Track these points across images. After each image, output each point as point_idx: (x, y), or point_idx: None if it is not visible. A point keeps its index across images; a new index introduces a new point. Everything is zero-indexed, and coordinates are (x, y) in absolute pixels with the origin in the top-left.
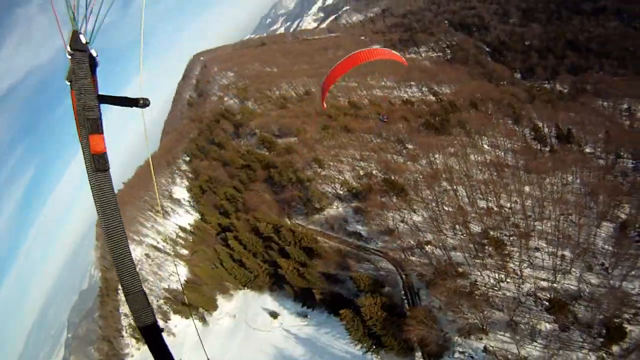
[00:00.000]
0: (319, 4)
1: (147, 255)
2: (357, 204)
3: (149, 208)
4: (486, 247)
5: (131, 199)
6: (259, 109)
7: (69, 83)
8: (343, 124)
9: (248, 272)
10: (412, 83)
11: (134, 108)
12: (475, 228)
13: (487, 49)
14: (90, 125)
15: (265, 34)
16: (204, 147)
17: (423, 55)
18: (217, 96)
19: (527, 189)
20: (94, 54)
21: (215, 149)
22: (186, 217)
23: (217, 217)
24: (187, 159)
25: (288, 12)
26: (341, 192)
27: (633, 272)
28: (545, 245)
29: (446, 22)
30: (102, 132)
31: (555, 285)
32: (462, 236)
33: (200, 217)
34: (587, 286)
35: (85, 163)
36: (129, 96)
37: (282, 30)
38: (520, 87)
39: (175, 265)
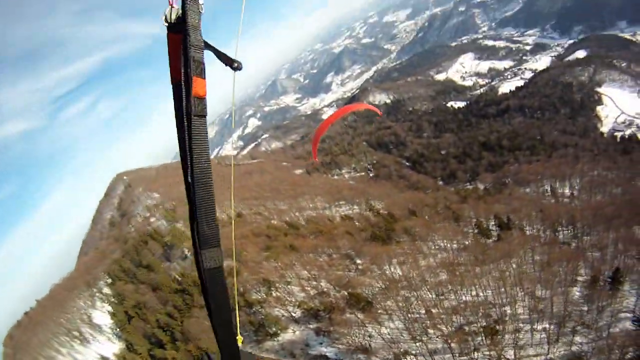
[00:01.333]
0: (239, 132)
1: None
2: (317, 324)
3: (65, 332)
4: (470, 341)
5: (44, 319)
6: (188, 231)
7: (167, 24)
8: (286, 243)
9: None
10: (342, 202)
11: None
12: (449, 328)
13: (407, 163)
14: (195, 67)
15: None
16: (129, 269)
17: (346, 176)
18: (143, 217)
19: (484, 280)
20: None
21: (143, 271)
22: (109, 346)
23: (149, 347)
24: (110, 281)
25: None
26: (295, 315)
27: (614, 317)
28: (522, 325)
29: (365, 142)
30: (205, 78)
31: (551, 356)
32: (438, 338)
33: (126, 346)
34: (579, 346)
35: (184, 106)
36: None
37: None
38: (446, 192)
39: None
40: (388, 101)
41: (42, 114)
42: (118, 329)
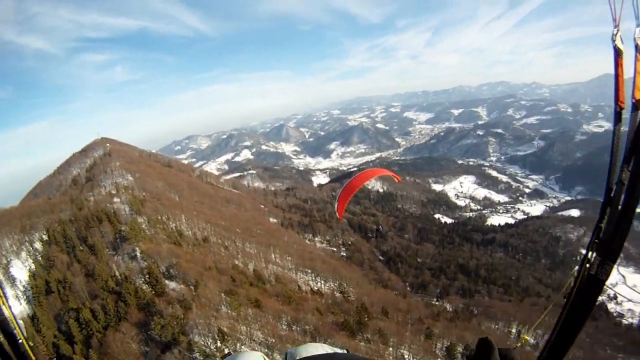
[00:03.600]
0: (228, 156)
1: None
2: None
3: None
4: None
5: None
6: (149, 231)
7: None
8: (250, 295)
9: None
10: (308, 270)
11: None
12: None
13: (381, 258)
14: None
15: (168, 157)
16: (70, 239)
17: (318, 245)
18: (108, 192)
19: None
20: None
21: (85, 250)
22: (14, 307)
23: (56, 334)
24: (46, 238)
25: (197, 150)
26: None
27: None
28: None
29: (346, 220)
30: None
31: None
32: None
33: (30, 317)
34: None
35: None
36: None
37: (185, 162)
38: (413, 300)
39: None
40: (381, 190)
41: (63, 45)
42: (31, 294)
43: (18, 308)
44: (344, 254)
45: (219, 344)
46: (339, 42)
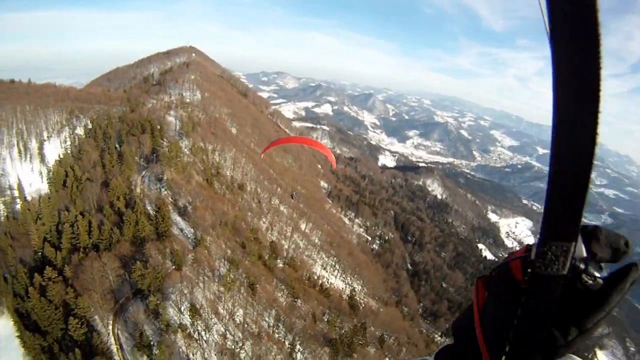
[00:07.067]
0: (309, 104)
1: None
2: None
3: (16, 130)
4: None
5: (18, 99)
6: (187, 158)
7: None
8: (250, 273)
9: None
10: (332, 257)
11: None
12: None
13: (410, 267)
14: None
15: (252, 85)
16: (109, 138)
17: (355, 228)
18: (167, 102)
19: None
20: None
21: (113, 154)
22: (34, 182)
23: (52, 228)
24: (90, 127)
25: (282, 88)
26: None
27: None
28: None
29: (393, 213)
30: None
31: None
32: None
33: (39, 201)
34: None
35: None
36: None
37: (265, 95)
38: (416, 332)
39: None
40: (439, 197)
41: None
42: (51, 178)
43: (38, 185)
44: (376, 248)
45: (187, 318)
46: (456, 37)
